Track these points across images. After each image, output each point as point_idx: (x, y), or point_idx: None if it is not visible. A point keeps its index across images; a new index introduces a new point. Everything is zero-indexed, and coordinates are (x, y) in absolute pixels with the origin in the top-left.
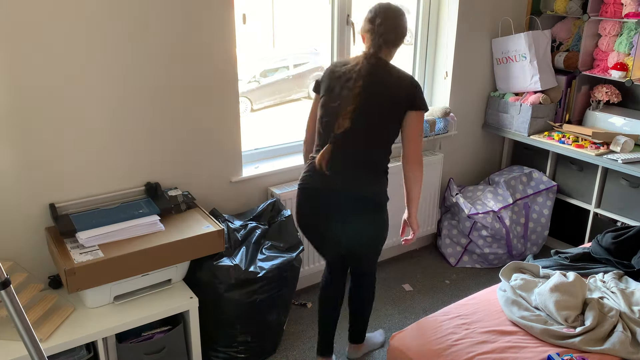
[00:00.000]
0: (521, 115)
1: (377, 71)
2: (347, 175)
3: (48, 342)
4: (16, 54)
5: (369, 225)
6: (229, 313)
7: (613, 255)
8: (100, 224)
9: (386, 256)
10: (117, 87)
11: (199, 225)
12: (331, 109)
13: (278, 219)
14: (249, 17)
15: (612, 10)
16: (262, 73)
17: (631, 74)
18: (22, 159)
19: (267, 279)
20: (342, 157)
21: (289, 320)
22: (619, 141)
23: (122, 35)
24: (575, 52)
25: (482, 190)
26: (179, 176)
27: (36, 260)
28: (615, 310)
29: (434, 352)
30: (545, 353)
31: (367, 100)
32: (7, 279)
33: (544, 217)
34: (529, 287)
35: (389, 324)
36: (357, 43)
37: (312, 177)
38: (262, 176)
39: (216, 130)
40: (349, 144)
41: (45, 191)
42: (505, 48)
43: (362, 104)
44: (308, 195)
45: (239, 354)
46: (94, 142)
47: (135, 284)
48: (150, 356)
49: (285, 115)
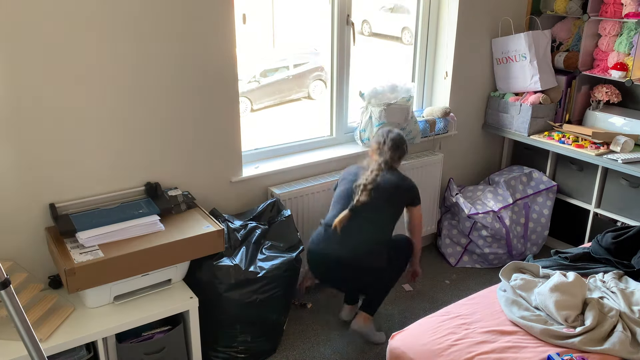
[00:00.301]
0: (521, 115)
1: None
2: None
3: (48, 342)
4: (16, 55)
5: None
6: (229, 313)
7: (613, 255)
8: (100, 224)
9: None
10: (117, 87)
11: (199, 225)
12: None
13: (278, 219)
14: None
15: (612, 10)
16: (262, 73)
17: (631, 74)
18: (22, 159)
19: (267, 279)
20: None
21: (289, 320)
22: (619, 141)
23: (122, 35)
24: (575, 52)
25: (482, 190)
26: (179, 176)
27: (36, 260)
28: (615, 310)
29: (434, 352)
30: (545, 353)
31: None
32: (7, 279)
33: (544, 217)
34: (529, 287)
35: (389, 324)
36: (356, 43)
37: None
38: (262, 176)
39: (216, 130)
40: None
41: (45, 191)
42: (505, 48)
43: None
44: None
45: (239, 354)
46: (94, 142)
47: (135, 284)
48: (150, 356)
49: (285, 115)
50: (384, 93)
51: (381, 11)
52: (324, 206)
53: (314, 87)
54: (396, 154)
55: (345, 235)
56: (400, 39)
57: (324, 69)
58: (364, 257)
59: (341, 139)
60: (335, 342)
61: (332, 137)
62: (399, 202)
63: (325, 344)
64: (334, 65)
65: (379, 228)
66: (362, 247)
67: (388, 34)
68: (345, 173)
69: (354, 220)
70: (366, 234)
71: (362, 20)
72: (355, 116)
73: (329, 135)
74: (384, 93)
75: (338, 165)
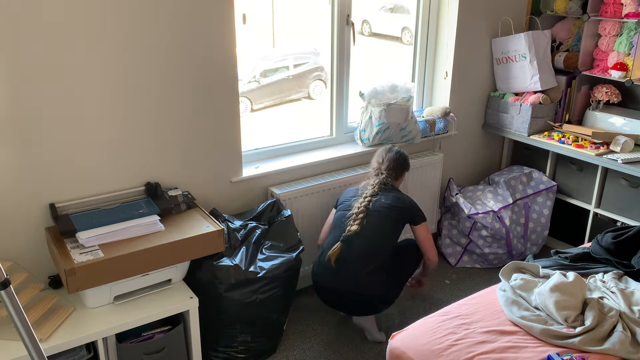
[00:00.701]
0: (521, 115)
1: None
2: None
3: (48, 342)
4: (17, 55)
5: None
6: (229, 313)
7: (613, 255)
8: (100, 224)
9: None
10: (117, 88)
11: (199, 225)
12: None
13: (278, 219)
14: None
15: (612, 10)
16: (262, 73)
17: (631, 74)
18: (22, 159)
19: (267, 279)
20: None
21: (289, 320)
22: (618, 141)
23: (122, 35)
24: (575, 52)
25: (482, 190)
26: (179, 176)
27: (36, 260)
28: (615, 310)
29: (434, 352)
30: (545, 353)
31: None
32: (7, 279)
33: (544, 217)
34: (529, 287)
35: (389, 324)
36: (356, 43)
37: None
38: (262, 176)
39: (216, 130)
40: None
41: (45, 191)
42: (505, 48)
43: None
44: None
45: (239, 354)
46: (94, 142)
47: (135, 284)
48: (150, 356)
49: (285, 115)
50: (384, 93)
51: (381, 11)
52: (324, 206)
53: (314, 87)
54: (394, 173)
55: (339, 267)
56: (400, 39)
57: (324, 69)
58: (358, 287)
59: (341, 139)
60: (335, 342)
61: (332, 137)
62: (395, 223)
63: (325, 344)
64: (334, 65)
65: (373, 253)
66: (355, 277)
67: (388, 34)
68: (343, 196)
69: (347, 251)
70: (360, 263)
71: (362, 20)
72: (355, 116)
73: (329, 135)
74: (384, 93)
75: (338, 165)
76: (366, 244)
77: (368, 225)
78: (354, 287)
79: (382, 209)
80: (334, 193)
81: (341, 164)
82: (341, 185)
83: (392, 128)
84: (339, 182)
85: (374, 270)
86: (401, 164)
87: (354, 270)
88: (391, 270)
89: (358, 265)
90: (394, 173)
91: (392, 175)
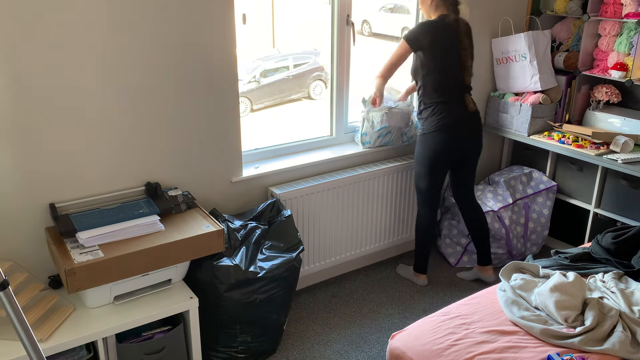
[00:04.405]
0: (521, 115)
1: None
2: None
3: (48, 342)
4: (17, 55)
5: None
6: (229, 313)
7: (613, 255)
8: (100, 224)
9: (386, 256)
10: (117, 87)
11: (199, 225)
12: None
13: (278, 219)
14: (249, 17)
15: (612, 10)
16: (262, 73)
17: (631, 74)
18: (22, 159)
19: (267, 279)
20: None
21: (289, 320)
22: (618, 141)
23: (122, 35)
24: (575, 52)
25: (482, 190)
26: (179, 176)
27: (36, 260)
28: (615, 310)
29: (434, 352)
30: (545, 353)
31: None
32: (6, 280)
33: (544, 217)
34: (529, 287)
35: (389, 324)
36: (356, 43)
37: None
38: (262, 176)
39: (216, 130)
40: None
41: (45, 191)
42: (505, 48)
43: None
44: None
45: (239, 354)
46: (94, 142)
47: (135, 284)
48: (150, 356)
49: (285, 115)
50: (385, 98)
51: (381, 11)
52: (323, 206)
53: (314, 87)
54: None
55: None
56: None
57: (324, 69)
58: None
59: (341, 139)
60: (335, 342)
61: (332, 137)
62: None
63: (325, 344)
64: (334, 65)
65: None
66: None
67: (388, 34)
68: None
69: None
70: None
71: (362, 20)
72: (355, 116)
73: (329, 135)
74: (386, 98)
75: (338, 165)
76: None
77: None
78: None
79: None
80: (333, 193)
81: (341, 164)
82: (341, 185)
83: (393, 132)
84: (339, 182)
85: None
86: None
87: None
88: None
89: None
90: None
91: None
